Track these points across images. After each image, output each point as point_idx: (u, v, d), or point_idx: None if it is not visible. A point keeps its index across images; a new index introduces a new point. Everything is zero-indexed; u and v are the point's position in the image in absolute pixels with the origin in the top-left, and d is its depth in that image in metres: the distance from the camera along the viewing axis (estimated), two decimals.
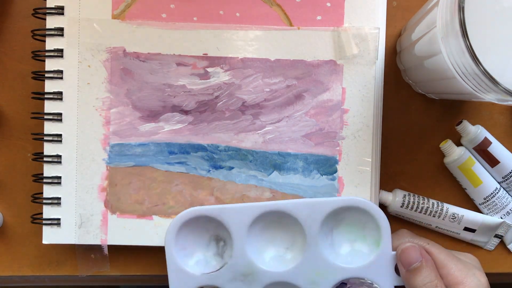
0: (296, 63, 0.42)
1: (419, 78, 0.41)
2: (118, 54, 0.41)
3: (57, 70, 0.41)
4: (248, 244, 0.38)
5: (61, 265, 0.45)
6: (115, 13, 0.41)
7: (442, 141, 0.43)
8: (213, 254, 0.39)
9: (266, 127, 0.42)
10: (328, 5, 0.41)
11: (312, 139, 0.42)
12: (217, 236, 0.39)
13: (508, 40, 0.31)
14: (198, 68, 0.42)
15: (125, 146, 0.42)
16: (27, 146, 0.45)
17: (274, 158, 0.42)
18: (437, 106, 0.45)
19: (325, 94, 0.42)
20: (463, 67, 0.31)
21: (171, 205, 0.42)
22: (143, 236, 0.42)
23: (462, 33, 0.29)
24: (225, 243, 0.39)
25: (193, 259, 0.39)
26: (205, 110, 0.42)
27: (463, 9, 0.29)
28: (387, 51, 0.44)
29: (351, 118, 0.42)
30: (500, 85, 0.29)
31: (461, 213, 0.43)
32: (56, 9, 0.41)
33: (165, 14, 0.41)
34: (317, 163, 0.42)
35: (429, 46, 0.34)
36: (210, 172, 0.42)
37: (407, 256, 0.36)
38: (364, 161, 0.42)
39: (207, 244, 0.39)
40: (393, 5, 0.44)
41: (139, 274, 0.45)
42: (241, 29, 0.41)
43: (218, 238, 0.39)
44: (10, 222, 0.45)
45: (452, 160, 0.43)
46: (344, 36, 0.41)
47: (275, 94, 0.42)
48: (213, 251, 0.39)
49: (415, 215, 0.43)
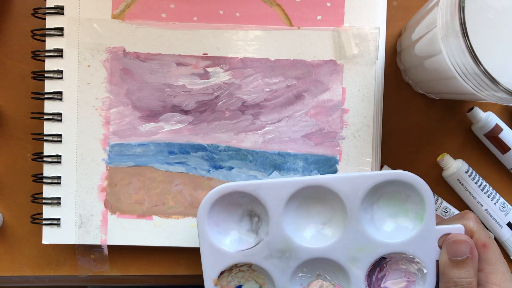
0: (296, 63, 0.42)
1: (419, 78, 0.41)
2: (118, 54, 0.41)
3: (57, 70, 0.41)
4: (285, 220, 0.36)
5: (60, 265, 0.45)
6: (115, 13, 0.41)
7: (440, 155, 0.43)
8: (247, 230, 0.38)
9: (266, 127, 0.42)
10: (328, 5, 0.41)
11: (312, 139, 0.42)
12: (250, 211, 0.38)
13: (508, 40, 0.31)
14: (198, 68, 0.42)
15: (125, 146, 0.42)
16: (27, 146, 0.45)
17: (274, 158, 0.42)
18: (437, 106, 0.45)
19: (325, 94, 0.42)
20: (463, 67, 0.31)
21: (171, 205, 0.42)
22: (143, 236, 0.42)
23: (462, 33, 0.29)
24: (259, 219, 0.38)
25: (226, 236, 0.38)
26: (205, 110, 0.42)
27: (463, 9, 0.29)
28: (387, 51, 0.44)
29: (351, 118, 0.42)
30: (500, 85, 0.29)
31: (452, 210, 0.44)
32: (56, 9, 0.41)
33: (165, 14, 0.41)
34: (317, 163, 0.42)
35: (429, 46, 0.34)
36: (210, 172, 0.42)
37: (457, 248, 0.35)
38: (364, 161, 0.42)
39: (240, 220, 0.38)
40: (393, 5, 0.44)
41: (139, 274, 0.45)
42: (241, 29, 0.41)
43: (252, 214, 0.38)
44: (10, 222, 0.45)
45: (450, 173, 0.43)
46: (344, 36, 0.41)
47: (275, 94, 0.42)
48: (246, 227, 0.38)
49: None
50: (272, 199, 0.36)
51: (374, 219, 0.37)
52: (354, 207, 0.36)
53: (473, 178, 0.43)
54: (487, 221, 0.44)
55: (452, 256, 0.35)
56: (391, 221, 0.38)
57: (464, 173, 0.43)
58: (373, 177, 0.36)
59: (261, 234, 0.37)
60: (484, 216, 0.44)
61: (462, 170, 0.43)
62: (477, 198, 0.43)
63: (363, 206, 0.36)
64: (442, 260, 0.36)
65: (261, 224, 0.37)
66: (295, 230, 0.37)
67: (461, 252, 0.35)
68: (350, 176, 0.36)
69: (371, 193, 0.36)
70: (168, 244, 0.42)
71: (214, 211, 0.37)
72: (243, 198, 0.37)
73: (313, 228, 0.38)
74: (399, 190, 0.37)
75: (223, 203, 0.37)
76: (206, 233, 0.37)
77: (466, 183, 0.43)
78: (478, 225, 0.37)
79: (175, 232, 0.42)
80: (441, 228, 0.36)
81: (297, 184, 0.36)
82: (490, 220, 0.44)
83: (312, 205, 0.38)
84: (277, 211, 0.36)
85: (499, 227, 0.44)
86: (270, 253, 0.36)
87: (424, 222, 0.36)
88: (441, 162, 0.43)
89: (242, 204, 0.38)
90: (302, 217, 0.38)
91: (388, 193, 0.37)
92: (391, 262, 0.38)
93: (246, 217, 0.38)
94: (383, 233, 0.37)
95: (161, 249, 0.45)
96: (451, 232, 0.36)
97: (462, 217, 0.37)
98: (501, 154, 0.44)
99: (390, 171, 0.36)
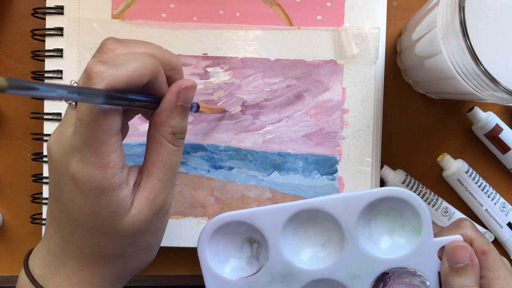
0: (296, 63, 0.42)
1: (419, 78, 0.41)
2: None
3: (57, 70, 0.41)
4: (284, 244, 0.37)
5: None
6: (115, 13, 0.41)
7: (440, 155, 0.43)
8: (248, 256, 0.39)
9: (266, 127, 0.42)
10: (328, 5, 0.41)
11: (312, 139, 0.42)
12: (249, 238, 0.38)
13: (508, 40, 0.31)
14: (198, 68, 0.42)
15: (124, 146, 0.42)
16: (27, 146, 0.45)
17: (274, 158, 0.42)
18: (437, 106, 0.45)
19: (325, 94, 0.42)
20: (464, 67, 0.31)
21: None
22: None
23: (462, 33, 0.29)
24: (259, 245, 0.38)
25: (228, 265, 0.38)
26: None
27: (464, 9, 0.29)
28: (387, 51, 0.44)
29: (351, 118, 0.42)
30: (501, 85, 0.29)
31: (452, 210, 0.44)
32: (56, 9, 0.41)
33: (165, 14, 0.41)
34: (317, 163, 0.42)
35: (430, 46, 0.34)
36: (210, 172, 0.42)
37: (456, 256, 0.35)
38: (364, 161, 0.42)
39: (240, 247, 0.39)
40: (393, 4, 0.44)
41: (139, 274, 0.45)
42: (241, 29, 0.41)
43: (251, 240, 0.39)
44: (10, 222, 0.45)
45: (451, 173, 0.43)
46: (344, 36, 0.41)
47: (275, 94, 0.42)
48: (247, 254, 0.39)
49: None
50: (268, 226, 0.37)
51: (372, 235, 0.38)
52: (350, 226, 0.36)
53: (473, 178, 0.43)
54: (487, 221, 0.44)
55: (452, 264, 0.35)
56: (389, 236, 0.38)
57: (464, 173, 0.43)
58: (367, 196, 0.36)
59: (262, 260, 0.38)
60: (484, 216, 0.44)
61: (462, 170, 0.43)
62: (477, 198, 0.43)
63: (359, 224, 0.36)
64: (443, 269, 0.36)
65: (261, 250, 0.38)
66: (294, 253, 0.38)
67: (460, 259, 0.35)
68: (343, 197, 0.37)
69: (366, 211, 0.37)
70: (168, 244, 0.42)
71: (213, 241, 0.37)
72: (241, 226, 0.37)
73: (312, 250, 0.38)
74: (394, 206, 0.37)
75: (221, 233, 0.37)
76: (207, 264, 0.37)
77: (466, 183, 0.43)
78: (475, 232, 0.36)
79: (175, 232, 0.42)
80: (439, 240, 0.36)
81: (291, 209, 0.37)
82: (490, 220, 0.44)
83: (309, 227, 0.38)
84: (275, 237, 0.37)
85: (499, 227, 0.44)
86: (272, 278, 0.37)
87: (422, 236, 0.36)
88: (441, 162, 0.43)
89: (240, 232, 0.38)
90: (301, 240, 0.38)
91: (384, 209, 0.38)
92: (394, 276, 0.38)
93: (246, 244, 0.39)
94: (382, 249, 0.38)
95: (161, 249, 0.44)
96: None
97: (458, 226, 0.37)
98: (501, 154, 0.44)
99: (381, 188, 0.37)
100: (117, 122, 0.28)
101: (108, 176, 0.28)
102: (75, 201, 0.29)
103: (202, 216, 0.42)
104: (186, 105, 0.30)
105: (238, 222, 0.37)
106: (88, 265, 0.31)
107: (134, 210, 0.30)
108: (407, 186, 0.43)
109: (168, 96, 0.30)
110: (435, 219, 0.44)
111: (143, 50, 0.29)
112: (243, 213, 0.37)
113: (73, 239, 0.31)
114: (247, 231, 0.38)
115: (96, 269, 0.31)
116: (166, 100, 0.30)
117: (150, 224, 0.31)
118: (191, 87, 0.30)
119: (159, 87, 0.30)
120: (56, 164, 0.29)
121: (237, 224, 0.37)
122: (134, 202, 0.30)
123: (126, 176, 0.29)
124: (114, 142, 0.28)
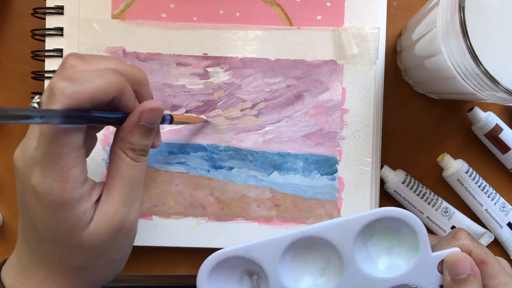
0: (296, 63, 0.42)
1: (419, 78, 0.41)
2: (117, 54, 0.41)
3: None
4: (283, 274, 0.37)
5: None
6: (115, 13, 0.41)
7: (440, 155, 0.43)
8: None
9: (266, 127, 0.42)
10: (328, 5, 0.41)
11: (312, 139, 0.42)
12: (249, 270, 0.39)
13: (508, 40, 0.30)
14: (198, 68, 0.42)
15: None
16: None
17: (274, 158, 0.42)
18: (437, 106, 0.45)
19: (325, 94, 0.42)
20: (464, 67, 0.31)
21: (171, 205, 0.42)
22: (142, 236, 0.42)
23: (462, 33, 0.29)
24: (258, 277, 0.38)
25: None
26: (205, 110, 0.42)
27: (464, 9, 0.29)
28: (387, 51, 0.44)
29: (351, 118, 0.42)
30: (501, 85, 0.29)
31: (452, 210, 0.44)
32: (56, 9, 0.41)
33: (165, 14, 0.41)
34: (317, 163, 0.42)
35: (430, 46, 0.34)
36: (210, 172, 0.42)
37: (457, 268, 0.35)
38: (364, 161, 0.42)
39: (240, 280, 0.39)
40: (393, 5, 0.44)
41: (139, 274, 0.45)
42: (241, 29, 0.41)
43: (251, 272, 0.39)
44: (10, 222, 0.45)
45: (451, 173, 0.43)
46: (344, 36, 0.41)
47: (275, 94, 0.42)
48: (248, 286, 0.39)
49: (412, 197, 0.43)
50: (266, 258, 0.37)
51: (370, 256, 0.38)
52: (347, 250, 0.36)
53: (473, 178, 0.43)
54: (487, 221, 0.44)
55: (454, 276, 0.35)
56: (387, 255, 0.38)
57: (464, 173, 0.43)
58: (361, 219, 0.36)
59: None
60: (484, 216, 0.44)
61: (462, 170, 0.43)
62: (477, 198, 0.43)
63: (356, 246, 0.37)
64: (445, 283, 0.36)
65: (261, 282, 0.38)
66: (294, 282, 0.38)
67: (462, 270, 0.35)
68: (338, 222, 0.37)
69: (362, 233, 0.37)
70: (168, 244, 0.42)
71: (212, 278, 0.37)
72: (238, 260, 0.38)
73: (311, 277, 0.39)
74: (390, 225, 0.37)
75: (219, 269, 0.38)
76: None
77: (466, 183, 0.43)
78: (472, 242, 0.37)
79: (175, 232, 0.42)
80: (438, 254, 0.36)
81: (287, 239, 0.37)
82: (490, 220, 0.44)
83: (307, 254, 0.38)
84: (273, 268, 0.37)
85: (499, 227, 0.44)
86: None
87: (420, 252, 0.36)
88: (441, 162, 0.43)
89: (238, 265, 0.38)
90: (300, 268, 0.38)
91: (380, 229, 0.38)
92: None
93: (245, 276, 0.39)
94: (381, 268, 0.38)
95: (161, 249, 0.44)
96: None
97: (454, 237, 0.37)
98: (501, 154, 0.44)
99: (376, 210, 0.37)
100: (79, 137, 0.28)
101: (67, 190, 0.28)
102: (37, 213, 0.29)
103: (202, 216, 0.42)
104: (150, 125, 0.30)
105: (235, 257, 0.37)
106: (53, 275, 0.32)
107: (93, 225, 0.30)
108: (407, 186, 0.43)
109: (132, 115, 0.30)
110: (435, 219, 0.44)
111: (106, 66, 0.29)
112: (239, 248, 0.37)
113: (39, 249, 0.31)
114: (245, 263, 0.38)
115: (61, 279, 0.32)
116: (129, 118, 0.30)
117: (112, 240, 0.31)
118: (157, 110, 0.30)
119: (127, 103, 0.30)
120: (20, 177, 0.30)
121: (235, 259, 0.37)
122: (94, 216, 0.30)
123: (88, 190, 0.29)
124: (75, 156, 0.28)
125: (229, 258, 0.37)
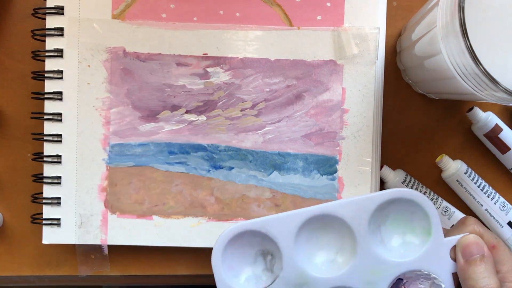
0: (296, 63, 0.42)
1: (419, 78, 0.41)
2: (118, 54, 0.41)
3: (57, 70, 0.41)
4: (297, 253, 0.37)
5: (61, 265, 0.45)
6: (115, 13, 0.41)
7: (438, 157, 0.43)
8: (262, 269, 0.39)
9: (266, 127, 0.42)
10: (328, 5, 0.41)
11: (312, 139, 0.42)
12: (263, 250, 0.39)
13: (508, 40, 0.31)
14: (198, 68, 0.42)
15: (125, 146, 0.42)
16: (27, 146, 0.45)
17: (274, 158, 0.42)
18: (437, 106, 0.45)
19: (325, 94, 0.42)
20: (463, 67, 0.31)
21: (171, 205, 0.42)
22: (143, 236, 0.42)
23: (462, 33, 0.29)
24: (272, 257, 0.38)
25: (242, 278, 0.38)
26: (205, 110, 0.42)
27: (463, 9, 0.29)
28: (387, 51, 0.44)
29: (351, 118, 0.42)
30: (500, 85, 0.29)
31: (452, 209, 0.44)
32: (56, 9, 0.41)
33: (165, 14, 0.41)
34: (317, 163, 0.42)
35: (429, 46, 0.34)
36: (210, 172, 0.42)
37: (470, 248, 0.35)
38: (364, 161, 0.42)
39: (254, 261, 0.39)
40: (393, 5, 0.44)
41: (139, 274, 0.45)
42: (241, 29, 0.41)
43: (265, 253, 0.39)
44: (10, 222, 0.45)
45: (449, 174, 0.43)
46: (344, 36, 0.41)
47: (275, 94, 0.42)
48: (261, 267, 0.39)
49: None
50: (281, 233, 0.37)
51: (384, 240, 0.38)
52: (361, 231, 0.36)
53: (472, 178, 0.43)
54: (487, 221, 0.44)
55: (468, 257, 0.35)
56: (400, 239, 0.38)
57: (463, 173, 0.43)
58: (376, 198, 0.36)
59: (276, 271, 0.37)
60: (485, 216, 0.44)
61: (461, 171, 0.43)
62: (476, 198, 0.43)
63: (370, 228, 0.36)
64: (459, 265, 0.36)
65: (275, 261, 0.38)
66: (308, 262, 0.38)
67: (476, 251, 0.35)
68: (352, 200, 0.37)
69: (376, 214, 0.37)
70: (168, 244, 0.42)
71: (227, 255, 0.37)
72: (254, 237, 0.37)
73: (326, 258, 0.38)
74: (403, 208, 0.37)
75: (234, 245, 0.37)
76: (222, 278, 0.37)
77: (465, 183, 0.43)
78: (482, 228, 0.37)
79: (175, 232, 0.42)
80: (450, 240, 0.36)
81: (303, 215, 0.37)
82: (490, 219, 0.44)
83: (322, 234, 0.38)
84: (288, 244, 0.37)
85: (500, 226, 0.44)
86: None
87: (432, 235, 0.36)
88: (439, 163, 0.43)
89: (253, 244, 0.38)
90: (314, 248, 0.38)
91: (393, 213, 0.38)
92: (408, 282, 0.38)
93: (260, 257, 0.39)
94: (394, 253, 0.38)
95: (161, 249, 0.45)
96: None
97: (464, 224, 0.37)
98: (501, 154, 0.44)
99: (391, 190, 0.37)
100: None
101: None
102: None
103: (202, 216, 0.42)
104: None
105: (251, 233, 0.37)
106: None
107: None
108: (407, 186, 0.43)
109: None
110: None
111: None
112: (255, 222, 0.37)
113: None
114: (261, 242, 0.38)
115: None
116: None
117: None
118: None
119: None
120: None
121: (251, 235, 0.37)
122: None
123: None
124: None
125: (245, 235, 0.37)
